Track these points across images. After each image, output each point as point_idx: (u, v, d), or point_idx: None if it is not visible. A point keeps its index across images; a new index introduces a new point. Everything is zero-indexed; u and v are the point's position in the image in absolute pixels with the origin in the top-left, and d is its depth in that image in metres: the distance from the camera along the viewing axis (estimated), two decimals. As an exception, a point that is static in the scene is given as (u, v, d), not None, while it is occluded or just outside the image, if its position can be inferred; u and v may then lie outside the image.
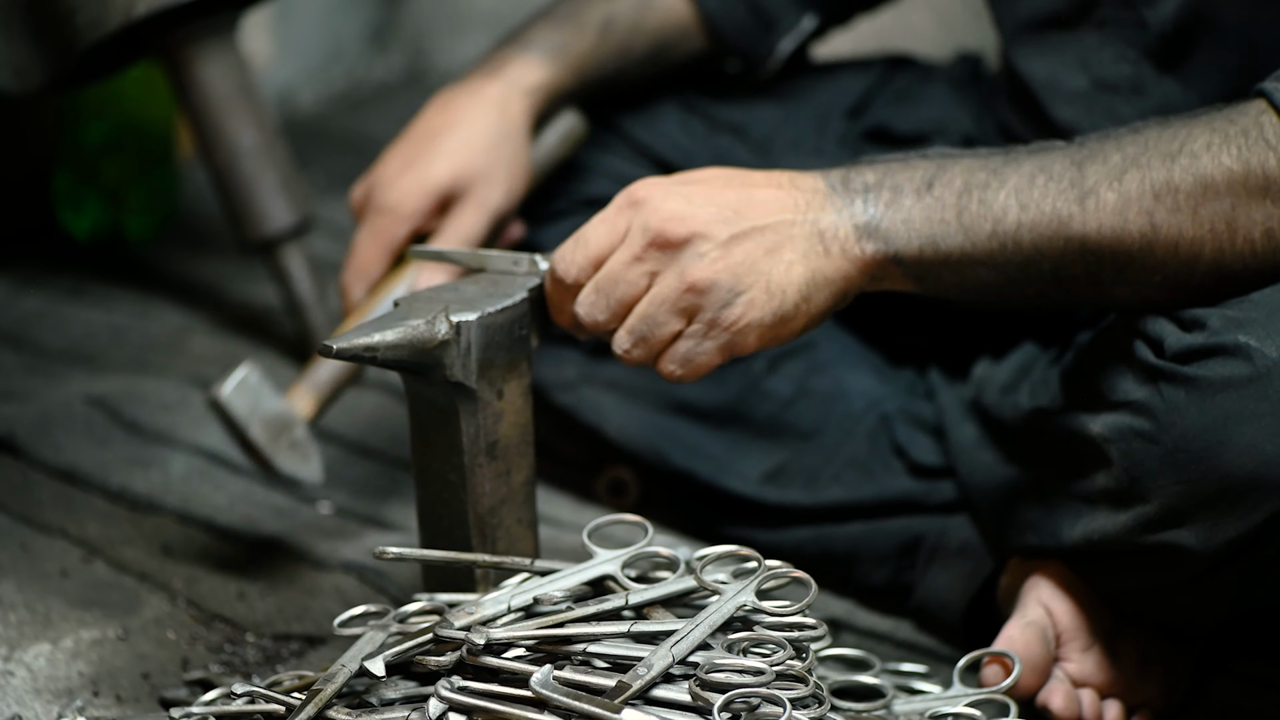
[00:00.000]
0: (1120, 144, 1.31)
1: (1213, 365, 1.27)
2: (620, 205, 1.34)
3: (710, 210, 1.31)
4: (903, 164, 1.34)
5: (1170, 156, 1.29)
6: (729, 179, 1.34)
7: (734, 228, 1.31)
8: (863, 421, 1.70)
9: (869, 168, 1.34)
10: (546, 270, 1.38)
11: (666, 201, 1.32)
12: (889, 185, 1.33)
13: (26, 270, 2.41)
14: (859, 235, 1.32)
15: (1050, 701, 1.42)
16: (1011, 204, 1.31)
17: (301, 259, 2.15)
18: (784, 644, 1.24)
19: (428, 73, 3.44)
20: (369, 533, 1.78)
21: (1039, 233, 1.31)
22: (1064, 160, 1.32)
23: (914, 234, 1.32)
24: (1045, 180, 1.31)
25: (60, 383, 2.09)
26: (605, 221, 1.34)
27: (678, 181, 1.34)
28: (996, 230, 1.31)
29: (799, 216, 1.32)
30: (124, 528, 1.76)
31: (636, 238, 1.32)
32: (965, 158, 1.34)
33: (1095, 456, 1.36)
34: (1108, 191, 1.29)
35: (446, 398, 1.36)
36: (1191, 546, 1.30)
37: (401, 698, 1.28)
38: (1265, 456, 1.25)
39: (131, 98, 2.46)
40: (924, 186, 1.32)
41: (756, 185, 1.33)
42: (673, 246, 1.31)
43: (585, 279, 1.34)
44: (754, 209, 1.32)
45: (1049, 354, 1.60)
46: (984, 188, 1.32)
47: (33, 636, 1.55)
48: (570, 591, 1.32)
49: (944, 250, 1.32)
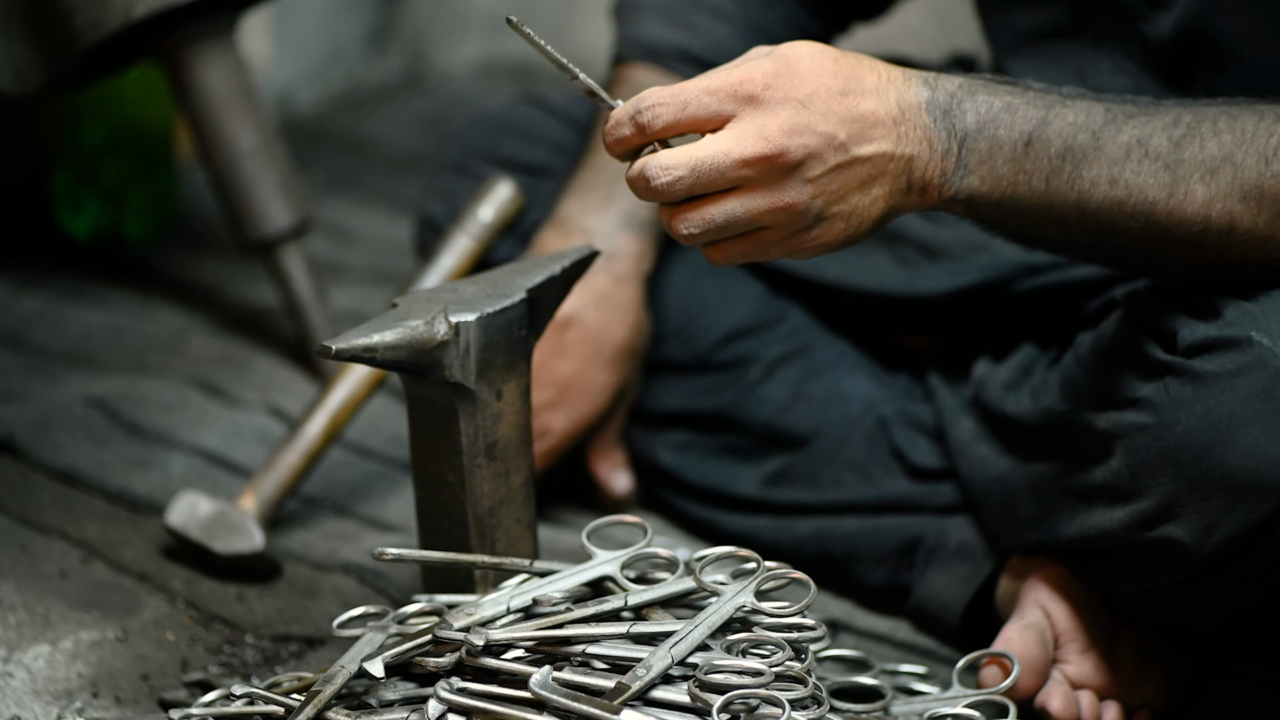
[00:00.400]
0: (1217, 129, 1.29)
1: (1221, 360, 1.27)
2: (735, 86, 1.24)
3: (826, 130, 1.24)
4: (1006, 108, 1.29)
5: (1265, 157, 1.28)
6: (844, 81, 1.26)
7: (841, 155, 1.25)
8: (860, 425, 1.70)
9: (974, 103, 1.29)
10: (620, 106, 1.27)
11: (786, 110, 1.24)
12: (989, 136, 1.28)
13: (26, 271, 2.41)
14: (944, 181, 1.28)
15: (1049, 703, 1.42)
16: (1102, 178, 1.29)
17: (301, 260, 2.15)
18: (783, 645, 1.25)
19: (426, 74, 3.44)
20: (368, 534, 1.78)
21: (1122, 211, 1.29)
22: (1163, 136, 1.29)
23: (997, 189, 1.29)
24: (1140, 158, 1.29)
25: (59, 384, 2.09)
26: (713, 94, 1.24)
27: (796, 74, 1.25)
28: (1081, 202, 1.29)
29: (898, 150, 1.27)
30: (123, 529, 1.76)
31: (750, 143, 1.23)
32: (1069, 110, 1.30)
33: (1096, 452, 1.37)
34: (1198, 184, 1.28)
35: (445, 398, 1.36)
36: (1187, 544, 1.30)
37: (401, 699, 1.28)
38: (1267, 457, 1.25)
39: (131, 99, 2.46)
40: (1022, 144, 1.28)
41: (868, 97, 1.26)
42: (784, 166, 1.24)
43: (667, 134, 1.25)
44: (863, 135, 1.26)
45: (1049, 354, 1.60)
46: (1080, 155, 1.28)
47: (32, 638, 1.55)
48: (569, 592, 1.32)
49: (1022, 208, 1.30)
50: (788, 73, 1.24)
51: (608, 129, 1.26)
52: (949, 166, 1.28)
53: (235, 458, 1.92)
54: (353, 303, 2.33)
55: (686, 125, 1.24)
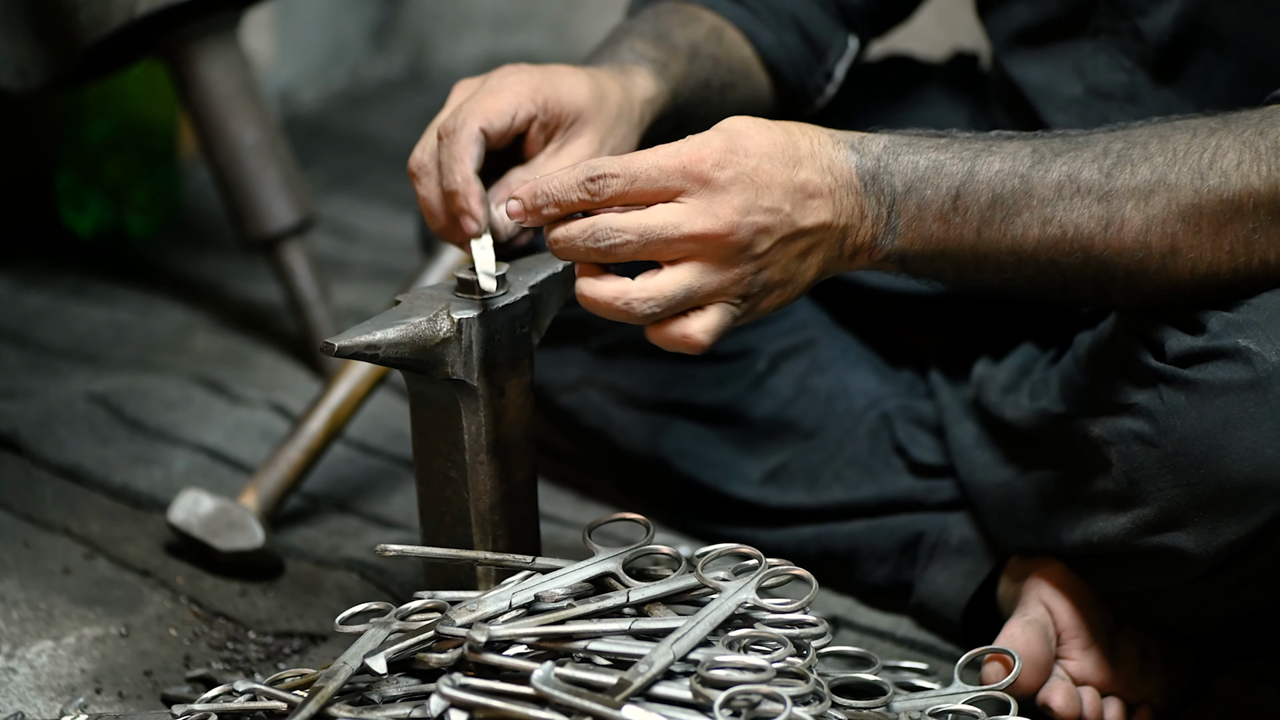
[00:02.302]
0: (1149, 153, 1.29)
1: (1213, 369, 1.27)
2: (685, 165, 1.26)
3: (772, 205, 1.26)
4: (933, 166, 1.30)
5: (1200, 175, 1.27)
6: (784, 151, 1.28)
7: (786, 228, 1.27)
8: (864, 420, 1.70)
9: (900, 166, 1.30)
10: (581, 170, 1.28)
11: (735, 189, 1.26)
12: (916, 199, 1.30)
13: (29, 268, 2.42)
14: (874, 245, 1.30)
15: (1051, 700, 1.42)
16: (1034, 221, 1.29)
17: (303, 256, 2.15)
18: (785, 641, 1.25)
19: (429, 71, 3.44)
20: (371, 530, 1.78)
21: (1059, 250, 1.29)
22: (1093, 168, 1.29)
23: (928, 246, 1.30)
24: (1072, 194, 1.29)
25: (63, 381, 2.10)
26: (662, 170, 1.26)
27: (739, 150, 1.27)
28: (1015, 247, 1.30)
29: (836, 221, 1.29)
30: (126, 525, 1.77)
31: (700, 219, 1.25)
32: (995, 157, 1.30)
33: (1095, 459, 1.36)
34: (1134, 211, 1.28)
35: (448, 395, 1.36)
36: (1190, 550, 1.30)
37: (403, 695, 1.28)
38: (1265, 460, 1.25)
39: (134, 96, 2.46)
40: (949, 200, 1.30)
41: (806, 168, 1.28)
42: (734, 245, 1.26)
43: (612, 205, 1.27)
44: (805, 206, 1.28)
45: (1048, 354, 1.60)
46: (1009, 201, 1.30)
47: (35, 634, 1.56)
48: (571, 589, 1.32)
49: (956, 260, 1.31)
50: (734, 149, 1.26)
51: (550, 188, 1.27)
52: (879, 231, 1.30)
53: (238, 454, 1.92)
54: (355, 300, 2.33)
55: (634, 198, 1.26)
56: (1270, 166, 1.26)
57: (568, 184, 1.27)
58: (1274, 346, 1.25)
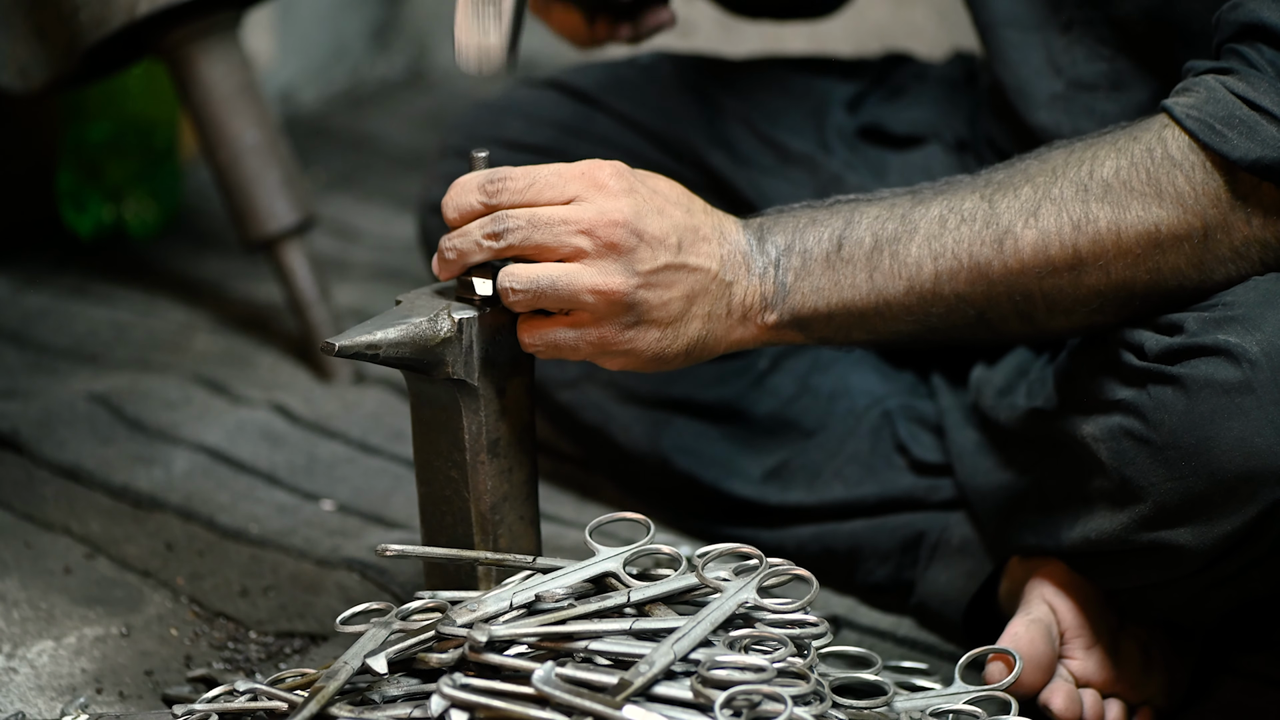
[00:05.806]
0: (1029, 174, 1.30)
1: (1196, 365, 1.27)
2: (583, 173, 1.31)
3: (662, 228, 1.30)
4: (811, 221, 1.34)
5: (1082, 186, 1.28)
6: (684, 202, 1.33)
7: (672, 256, 1.31)
8: (865, 419, 1.70)
9: (780, 226, 1.34)
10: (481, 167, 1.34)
11: (630, 199, 1.30)
12: (799, 250, 1.33)
13: (29, 268, 2.42)
14: (764, 306, 1.33)
15: (1051, 701, 1.42)
16: (925, 255, 1.31)
17: (304, 257, 2.15)
18: (785, 641, 1.25)
19: (430, 71, 3.44)
20: (371, 530, 1.78)
21: (959, 280, 1.31)
22: (974, 197, 1.31)
23: (821, 300, 1.33)
24: (957, 223, 1.31)
25: (63, 380, 2.10)
26: (560, 176, 1.31)
27: (640, 178, 1.32)
28: (913, 285, 1.31)
29: (720, 273, 1.32)
30: (127, 525, 1.77)
31: (588, 214, 1.29)
32: (873, 205, 1.34)
33: (1090, 458, 1.37)
34: (1025, 229, 1.29)
35: (449, 395, 1.36)
36: (1187, 543, 1.30)
37: (404, 695, 1.28)
38: (1255, 450, 1.25)
39: (134, 96, 2.46)
40: (833, 249, 1.32)
41: (699, 217, 1.33)
42: (618, 248, 1.29)
43: (510, 205, 1.31)
44: (694, 246, 1.32)
45: (1045, 354, 1.60)
46: (894, 241, 1.32)
47: (36, 634, 1.56)
48: (572, 589, 1.32)
49: (857, 311, 1.33)
50: (637, 175, 1.32)
51: (450, 193, 1.32)
52: (768, 290, 1.32)
53: (238, 454, 1.92)
54: (356, 300, 2.33)
55: (531, 199, 1.30)
56: (1147, 169, 1.28)
57: (468, 185, 1.32)
58: (1254, 339, 1.25)
